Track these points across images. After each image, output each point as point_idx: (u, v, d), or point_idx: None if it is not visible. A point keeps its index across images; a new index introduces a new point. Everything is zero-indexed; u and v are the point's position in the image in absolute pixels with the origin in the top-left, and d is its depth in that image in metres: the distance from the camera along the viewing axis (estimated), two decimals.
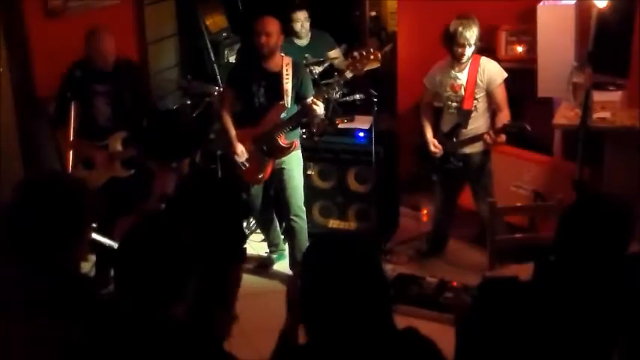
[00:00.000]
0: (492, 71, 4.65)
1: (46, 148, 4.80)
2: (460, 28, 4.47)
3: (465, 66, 4.63)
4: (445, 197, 5.02)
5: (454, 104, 4.72)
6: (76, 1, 5.11)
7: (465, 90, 4.64)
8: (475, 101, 4.65)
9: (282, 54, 4.81)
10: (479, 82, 4.62)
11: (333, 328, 1.99)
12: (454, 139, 4.75)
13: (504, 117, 4.65)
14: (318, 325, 2.02)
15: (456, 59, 4.60)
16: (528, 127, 4.52)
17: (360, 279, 2.00)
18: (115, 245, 2.66)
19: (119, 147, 4.65)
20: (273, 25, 4.66)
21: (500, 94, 4.66)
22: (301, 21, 5.85)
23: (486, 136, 4.59)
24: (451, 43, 4.55)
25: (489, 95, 4.67)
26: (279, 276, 5.09)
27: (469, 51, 4.53)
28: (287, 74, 4.67)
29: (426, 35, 5.06)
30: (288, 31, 5.79)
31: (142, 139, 4.64)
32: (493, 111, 4.71)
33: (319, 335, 2.02)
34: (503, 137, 4.62)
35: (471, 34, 4.48)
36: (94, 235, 2.59)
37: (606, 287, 2.24)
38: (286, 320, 2.25)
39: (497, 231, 4.26)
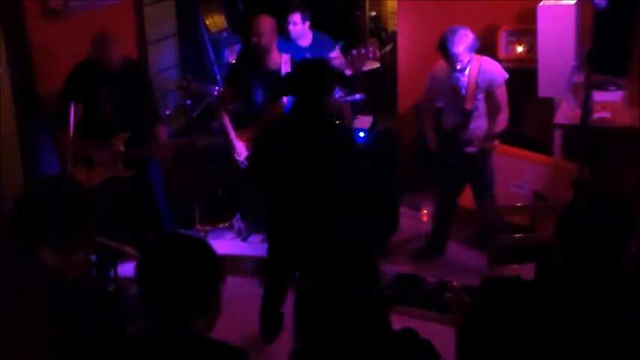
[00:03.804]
0: (493, 72, 4.65)
1: (46, 149, 4.80)
2: (448, 44, 4.47)
3: (466, 67, 4.63)
4: (445, 197, 5.02)
5: (455, 104, 4.71)
6: (76, 1, 5.10)
7: (465, 90, 4.64)
8: (476, 101, 4.65)
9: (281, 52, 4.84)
10: (479, 82, 4.62)
11: (330, 332, 2.00)
12: (455, 140, 4.74)
13: (504, 118, 4.65)
14: (316, 332, 2.03)
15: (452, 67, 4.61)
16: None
17: (358, 283, 2.02)
18: (121, 248, 2.66)
19: (122, 147, 4.67)
20: (263, 25, 4.72)
21: (501, 95, 4.65)
22: (294, 23, 5.86)
23: (476, 142, 4.61)
24: (444, 56, 4.57)
25: (490, 96, 4.66)
26: None
27: (463, 58, 4.53)
28: (285, 71, 4.70)
29: (426, 35, 5.05)
30: (289, 33, 5.80)
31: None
32: (494, 111, 4.71)
33: (316, 340, 2.04)
34: (494, 142, 4.64)
35: (460, 48, 4.48)
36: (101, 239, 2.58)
37: (607, 287, 2.24)
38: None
39: (498, 231, 4.28)
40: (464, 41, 4.47)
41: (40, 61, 4.81)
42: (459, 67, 4.56)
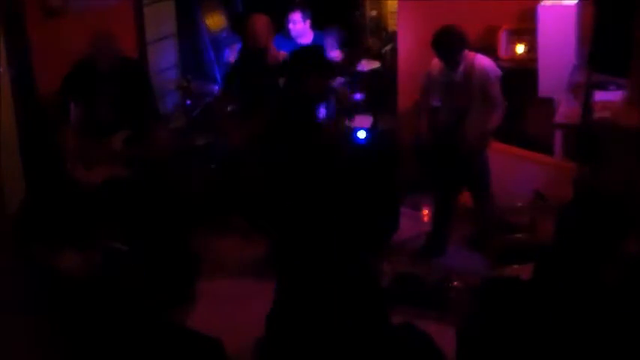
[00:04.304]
0: (486, 69, 4.66)
1: (46, 148, 4.80)
2: (436, 46, 4.55)
3: (460, 64, 4.64)
4: (445, 197, 5.02)
5: (450, 102, 4.73)
6: (76, 1, 5.11)
7: (460, 88, 4.65)
8: (470, 99, 4.66)
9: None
10: (473, 80, 4.64)
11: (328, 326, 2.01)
12: (451, 137, 4.75)
13: (498, 114, 4.67)
14: (314, 326, 2.04)
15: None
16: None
17: (357, 282, 2.03)
18: (121, 247, 2.68)
19: (121, 146, 4.67)
20: (256, 26, 4.88)
21: (494, 92, 4.67)
22: (294, 21, 5.87)
23: (471, 139, 4.62)
24: (438, 54, 4.64)
25: (484, 93, 4.67)
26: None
27: (454, 57, 4.55)
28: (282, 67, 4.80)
29: (426, 35, 5.05)
30: (289, 32, 5.82)
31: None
32: (488, 107, 4.71)
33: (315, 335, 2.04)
34: (489, 139, 4.66)
35: (448, 48, 4.53)
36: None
37: (607, 287, 2.24)
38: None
39: (497, 230, 4.28)
40: (456, 39, 4.50)
41: (40, 61, 4.81)
42: (452, 64, 4.58)
